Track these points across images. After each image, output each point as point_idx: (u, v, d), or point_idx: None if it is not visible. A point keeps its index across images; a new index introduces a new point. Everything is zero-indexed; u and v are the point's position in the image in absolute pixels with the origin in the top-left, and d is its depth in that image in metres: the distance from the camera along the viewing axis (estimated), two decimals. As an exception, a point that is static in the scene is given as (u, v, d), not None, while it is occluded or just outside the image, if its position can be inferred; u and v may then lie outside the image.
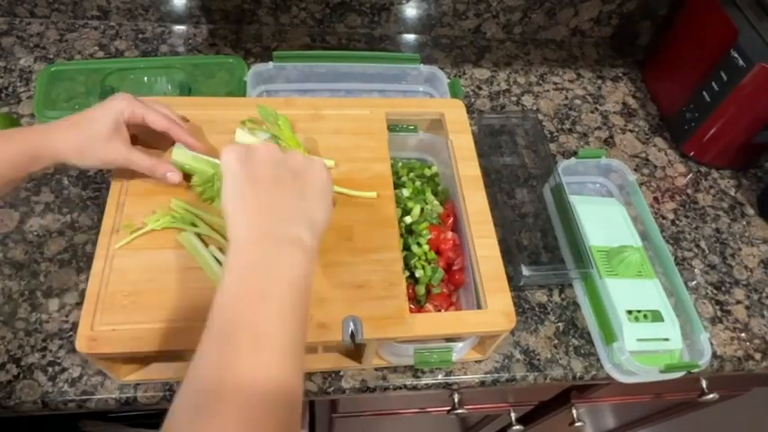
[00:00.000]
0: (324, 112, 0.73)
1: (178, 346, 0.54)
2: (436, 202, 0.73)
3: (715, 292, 0.81)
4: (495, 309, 0.60)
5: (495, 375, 0.69)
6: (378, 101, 0.79)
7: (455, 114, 0.76)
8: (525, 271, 0.72)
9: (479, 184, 0.69)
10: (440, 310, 0.66)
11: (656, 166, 0.96)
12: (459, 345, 0.64)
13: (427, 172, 0.78)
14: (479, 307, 0.61)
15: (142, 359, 0.62)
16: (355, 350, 0.65)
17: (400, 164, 0.78)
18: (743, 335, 0.77)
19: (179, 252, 0.59)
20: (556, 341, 0.73)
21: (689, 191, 0.93)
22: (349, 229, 0.64)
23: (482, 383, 0.70)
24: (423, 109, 0.78)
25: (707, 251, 0.86)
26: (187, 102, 0.74)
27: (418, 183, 0.76)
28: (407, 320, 0.58)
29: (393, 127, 0.77)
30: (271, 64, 0.85)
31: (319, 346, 0.64)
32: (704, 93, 0.90)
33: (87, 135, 0.58)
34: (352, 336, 0.56)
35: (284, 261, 0.44)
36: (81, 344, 0.53)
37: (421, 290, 0.67)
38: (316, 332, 0.56)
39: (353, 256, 0.62)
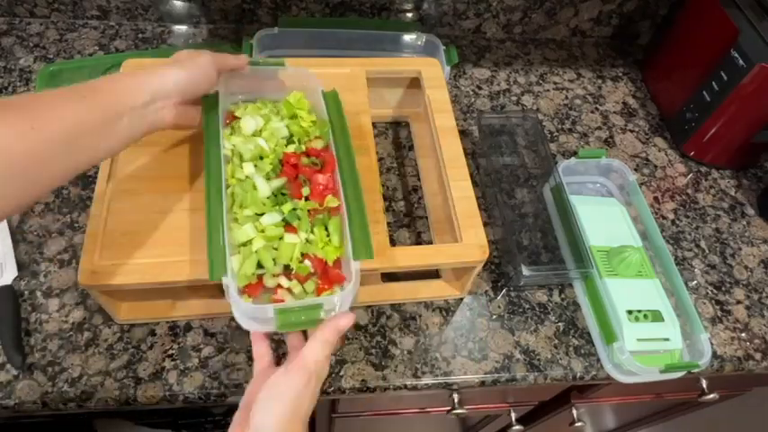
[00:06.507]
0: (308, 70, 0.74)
1: (172, 278, 0.57)
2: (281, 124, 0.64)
3: (715, 292, 0.81)
4: (471, 242, 0.64)
5: (495, 375, 0.69)
6: (358, 60, 0.81)
7: (431, 72, 0.80)
8: (525, 271, 0.72)
9: (455, 133, 0.74)
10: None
11: (656, 166, 0.96)
12: (335, 298, 0.52)
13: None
14: (456, 241, 0.65)
15: (140, 295, 0.65)
16: None
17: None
18: (743, 335, 0.77)
19: (170, 196, 0.62)
20: (556, 341, 0.73)
21: (689, 191, 0.93)
22: None
23: (482, 383, 0.70)
24: (401, 67, 0.82)
25: (707, 251, 0.86)
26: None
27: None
28: (388, 254, 0.62)
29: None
30: (276, 29, 0.85)
31: None
32: (704, 93, 0.90)
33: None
34: None
35: None
36: (83, 277, 0.55)
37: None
38: None
39: None
